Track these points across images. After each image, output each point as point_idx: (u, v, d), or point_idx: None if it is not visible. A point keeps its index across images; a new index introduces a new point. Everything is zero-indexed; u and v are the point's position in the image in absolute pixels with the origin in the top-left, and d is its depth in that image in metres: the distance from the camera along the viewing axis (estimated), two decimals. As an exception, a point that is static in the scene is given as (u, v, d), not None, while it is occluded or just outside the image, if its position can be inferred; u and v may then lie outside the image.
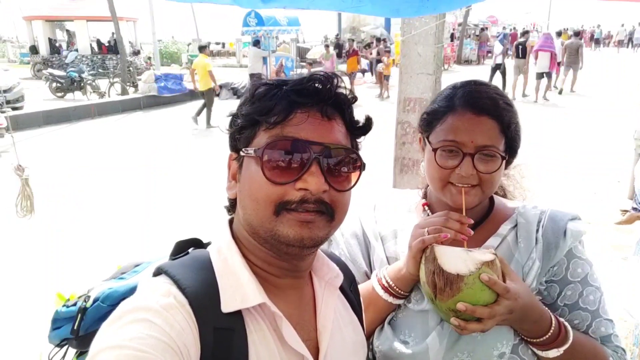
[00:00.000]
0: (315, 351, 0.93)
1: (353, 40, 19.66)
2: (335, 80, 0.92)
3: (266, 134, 0.88)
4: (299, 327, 0.92)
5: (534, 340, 1.14)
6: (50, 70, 18.27)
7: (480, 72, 25.16)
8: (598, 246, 5.12)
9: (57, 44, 26.84)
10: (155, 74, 15.79)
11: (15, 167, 2.24)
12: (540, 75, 15.21)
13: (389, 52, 16.87)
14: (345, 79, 15.73)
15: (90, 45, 26.33)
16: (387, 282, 1.19)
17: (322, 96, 0.89)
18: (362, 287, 1.23)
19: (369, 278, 1.28)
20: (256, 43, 15.98)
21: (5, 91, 13.41)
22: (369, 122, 0.99)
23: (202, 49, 13.05)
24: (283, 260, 0.91)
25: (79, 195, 7.02)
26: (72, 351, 1.07)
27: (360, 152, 0.98)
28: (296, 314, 0.94)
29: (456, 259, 1.01)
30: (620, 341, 1.24)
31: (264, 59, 15.86)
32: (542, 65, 15.10)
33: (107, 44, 26.50)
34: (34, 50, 25.90)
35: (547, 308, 1.16)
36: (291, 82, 0.91)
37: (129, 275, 1.07)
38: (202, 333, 0.80)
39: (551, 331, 1.12)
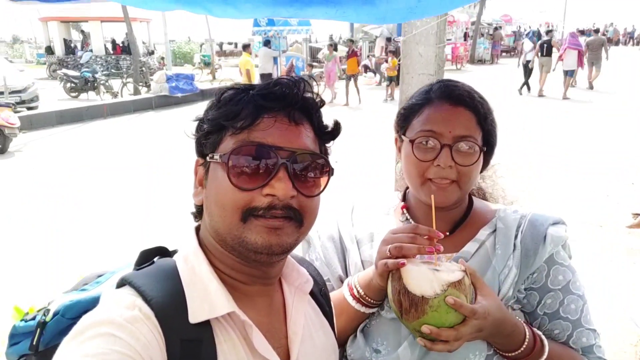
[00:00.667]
0: (286, 358, 0.92)
1: (352, 41, 18.37)
2: (302, 85, 0.91)
3: (232, 139, 0.87)
4: (269, 334, 0.90)
5: (507, 354, 1.10)
6: (64, 70, 18.53)
7: (494, 72, 24.94)
8: (610, 250, 5.00)
9: (72, 45, 27.21)
10: (167, 74, 15.90)
11: None
12: (567, 73, 15.47)
13: (393, 52, 16.55)
14: (346, 83, 15.28)
15: (105, 45, 26.64)
16: (357, 291, 1.16)
17: (289, 100, 0.88)
18: (335, 295, 1.21)
19: (343, 283, 1.26)
20: (267, 43, 15.99)
21: (20, 91, 13.65)
22: (337, 127, 0.97)
23: (245, 47, 13.30)
24: (252, 267, 0.90)
25: (78, 194, 7.02)
26: None
27: (330, 157, 0.96)
28: (266, 321, 0.92)
29: (422, 280, 0.97)
30: (604, 352, 1.18)
31: (275, 59, 15.87)
32: (569, 63, 15.37)
33: (121, 45, 26.79)
34: (49, 50, 26.34)
35: (520, 320, 1.12)
36: (258, 87, 0.90)
37: (91, 286, 1.03)
38: (168, 345, 0.78)
39: (525, 344, 1.07)
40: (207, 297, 0.84)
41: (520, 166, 7.61)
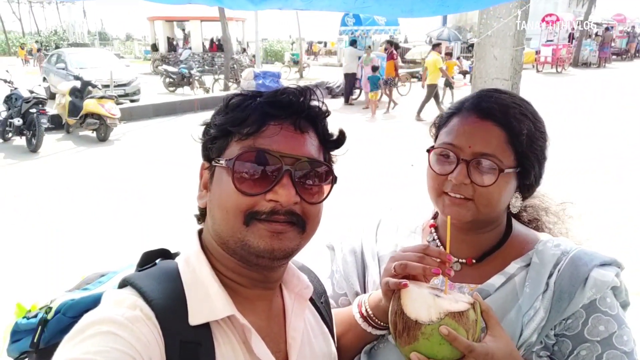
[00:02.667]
0: None
1: (391, 43, 16.06)
2: (309, 94, 0.92)
3: (238, 145, 0.89)
4: (268, 339, 0.91)
5: None
6: (165, 66, 19.94)
7: (599, 76, 22.86)
8: None
9: (174, 43, 29.22)
10: (255, 72, 16.46)
11: None
12: None
13: (449, 54, 16.02)
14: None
15: (203, 43, 28.30)
16: (366, 310, 1.10)
17: (295, 109, 0.90)
18: (346, 310, 1.17)
19: None
20: (353, 43, 16.01)
21: (124, 85, 14.90)
22: (342, 136, 0.98)
23: (435, 46, 13.97)
24: (253, 270, 0.91)
25: (143, 189, 7.15)
26: None
27: (334, 166, 0.97)
28: (265, 325, 0.93)
29: (419, 303, 0.89)
30: None
31: (360, 58, 15.81)
32: None
33: (217, 43, 28.30)
34: (154, 48, 28.49)
35: None
36: (265, 94, 0.92)
37: (93, 286, 1.04)
38: (168, 346, 0.80)
39: None
40: (207, 300, 0.86)
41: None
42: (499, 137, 1.04)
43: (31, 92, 9.80)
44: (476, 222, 1.08)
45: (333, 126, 0.97)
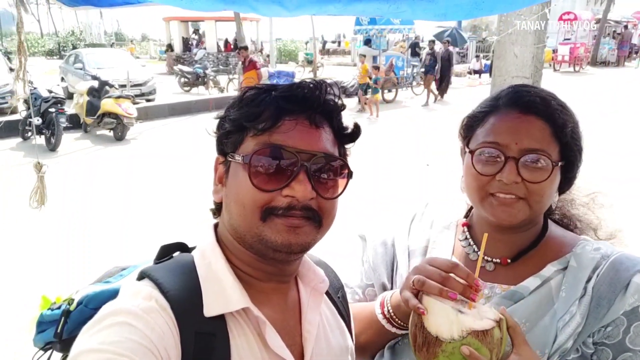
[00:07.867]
0: (300, 356, 0.93)
1: (246, 49, 13.52)
2: (324, 88, 0.91)
3: (254, 141, 0.89)
4: (284, 332, 0.91)
5: None
6: (180, 66, 20.08)
7: (618, 75, 22.46)
8: None
9: (189, 43, 29.42)
10: (269, 72, 16.50)
11: (34, 165, 2.43)
12: None
13: (364, 56, 14.97)
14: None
15: (217, 43, 28.47)
16: (388, 309, 1.08)
17: (310, 104, 0.90)
18: (367, 306, 1.15)
19: (385, 290, 1.19)
20: (367, 42, 15.98)
21: (140, 85, 15.06)
22: (357, 130, 0.97)
23: None
24: (268, 264, 0.92)
25: (157, 187, 7.27)
26: (57, 355, 1.09)
27: (349, 159, 0.97)
28: (280, 318, 0.93)
29: (441, 318, 0.86)
30: None
31: (374, 58, 15.78)
32: None
33: (232, 43, 28.43)
34: (170, 48, 28.71)
35: None
36: (280, 88, 0.92)
37: (115, 279, 1.08)
38: (183, 337, 0.81)
39: None
40: (222, 292, 0.86)
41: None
42: (544, 131, 1.01)
43: (50, 91, 9.96)
44: (523, 220, 1.03)
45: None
